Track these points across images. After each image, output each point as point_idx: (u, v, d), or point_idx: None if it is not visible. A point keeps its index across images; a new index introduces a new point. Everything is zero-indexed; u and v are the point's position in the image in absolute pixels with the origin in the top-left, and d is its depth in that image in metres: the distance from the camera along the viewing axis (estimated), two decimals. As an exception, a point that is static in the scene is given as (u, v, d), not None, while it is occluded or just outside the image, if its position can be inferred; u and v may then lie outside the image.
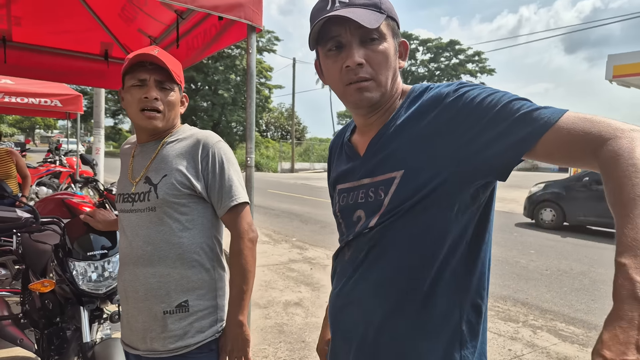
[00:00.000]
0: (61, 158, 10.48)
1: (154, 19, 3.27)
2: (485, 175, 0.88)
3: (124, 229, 1.48)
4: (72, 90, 7.91)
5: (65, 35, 3.89)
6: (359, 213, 1.02)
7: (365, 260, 0.99)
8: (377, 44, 0.94)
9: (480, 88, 0.90)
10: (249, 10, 2.18)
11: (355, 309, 1.01)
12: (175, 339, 1.41)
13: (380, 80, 0.96)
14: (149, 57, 1.39)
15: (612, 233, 7.86)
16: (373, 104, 0.98)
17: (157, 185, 1.41)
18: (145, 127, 1.45)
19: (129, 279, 1.45)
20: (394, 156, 0.96)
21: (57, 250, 2.09)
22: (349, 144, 1.13)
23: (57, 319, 2.26)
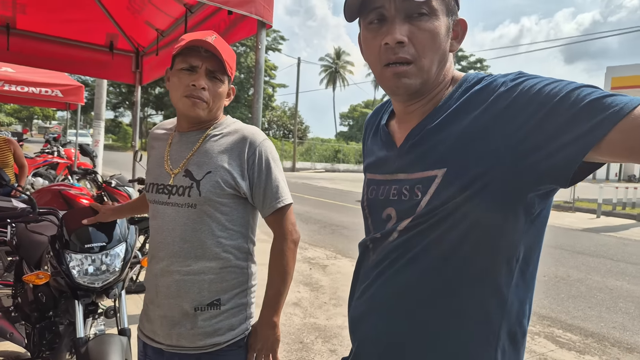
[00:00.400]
0: (59, 149, 10.42)
1: (162, 12, 3.24)
2: (542, 178, 0.74)
3: (157, 221, 1.42)
4: (74, 80, 7.86)
5: (70, 24, 3.86)
6: (390, 211, 0.90)
7: (392, 268, 0.88)
8: (424, 21, 0.81)
9: (541, 77, 0.76)
10: (259, 6, 2.15)
11: (376, 319, 0.91)
12: (205, 335, 1.37)
13: (422, 64, 0.83)
14: (205, 44, 1.32)
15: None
16: (412, 92, 0.86)
17: (200, 181, 1.35)
18: (187, 114, 1.38)
19: (161, 274, 1.40)
20: (435, 152, 0.83)
21: (53, 242, 2.05)
22: (385, 128, 1.00)
23: (50, 312, 2.21)
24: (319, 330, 3.72)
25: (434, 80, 0.86)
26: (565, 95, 0.69)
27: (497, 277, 0.80)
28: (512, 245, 0.80)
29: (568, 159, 0.69)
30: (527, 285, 0.85)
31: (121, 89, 48.68)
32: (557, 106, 0.69)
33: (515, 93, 0.75)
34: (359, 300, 0.96)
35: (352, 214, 10.87)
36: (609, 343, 3.89)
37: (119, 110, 53.43)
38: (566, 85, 0.71)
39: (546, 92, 0.72)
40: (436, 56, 0.83)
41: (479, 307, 0.81)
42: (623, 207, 15.06)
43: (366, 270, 0.95)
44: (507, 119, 0.75)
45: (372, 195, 0.97)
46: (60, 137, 11.91)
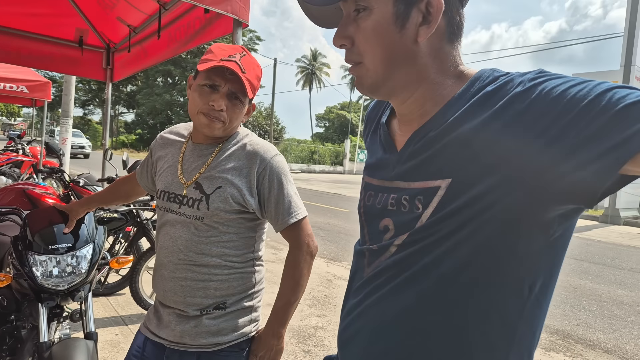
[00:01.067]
0: (24, 147, 10.05)
1: (134, 8, 3.17)
2: (564, 197, 0.63)
3: (165, 228, 1.43)
4: (41, 76, 7.62)
5: (38, 18, 3.73)
6: (387, 222, 0.80)
7: (385, 287, 0.78)
8: (363, 17, 0.73)
9: (565, 76, 0.64)
10: (236, 5, 2.13)
11: (365, 344, 0.81)
12: (208, 334, 1.39)
13: (368, 62, 0.75)
14: (231, 66, 1.30)
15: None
16: (372, 92, 0.79)
17: (210, 196, 1.36)
18: (202, 131, 1.38)
19: (168, 278, 1.41)
20: (440, 159, 0.73)
21: (16, 243, 1.97)
22: (384, 127, 0.89)
23: (12, 316, 2.13)
24: (292, 330, 3.70)
25: (398, 77, 0.76)
26: (595, 98, 0.58)
27: (507, 305, 0.70)
28: (525, 270, 0.69)
29: (597, 175, 0.59)
30: (543, 312, 0.74)
31: (91, 85, 47.47)
32: (585, 112, 0.58)
33: (533, 95, 0.64)
34: (348, 317, 0.86)
35: (327, 214, 10.89)
36: (573, 340, 4.01)
37: (88, 107, 52.07)
38: (596, 86, 0.60)
39: (571, 94, 0.60)
40: (381, 52, 0.74)
41: (483, 339, 0.71)
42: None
43: (359, 285, 0.85)
44: (523, 125, 0.63)
45: (370, 202, 0.87)
46: (25, 135, 11.50)
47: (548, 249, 0.69)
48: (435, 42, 0.75)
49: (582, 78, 0.63)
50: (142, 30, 3.49)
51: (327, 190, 18.36)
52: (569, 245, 0.73)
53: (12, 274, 2.03)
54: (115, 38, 4.12)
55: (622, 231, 11.86)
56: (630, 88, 0.58)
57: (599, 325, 4.44)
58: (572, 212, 0.67)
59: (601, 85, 0.60)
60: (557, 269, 0.73)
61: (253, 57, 1.40)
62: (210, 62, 1.30)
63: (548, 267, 0.71)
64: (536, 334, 0.74)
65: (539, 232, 0.67)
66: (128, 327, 3.44)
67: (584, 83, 0.61)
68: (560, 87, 0.62)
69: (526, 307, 0.71)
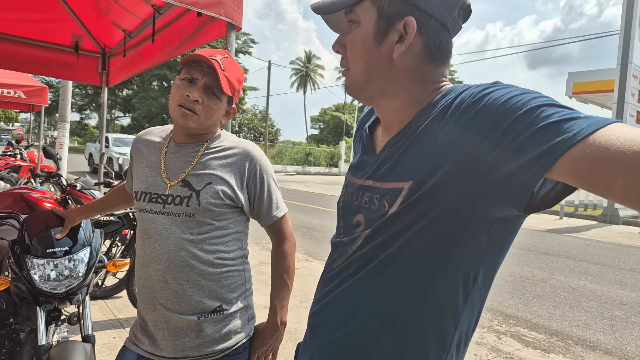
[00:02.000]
0: (21, 152, 10.04)
1: (129, 13, 3.19)
2: (498, 202, 0.70)
3: (148, 231, 1.40)
4: (37, 81, 7.62)
5: (34, 24, 3.75)
6: (359, 218, 0.89)
7: (352, 279, 0.86)
8: (351, 30, 0.86)
9: (510, 88, 0.70)
10: (229, 8, 2.15)
11: (327, 328, 0.90)
12: (212, 343, 1.39)
13: (353, 69, 0.87)
14: (208, 61, 1.35)
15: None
16: (354, 95, 0.90)
17: (200, 192, 1.37)
18: (177, 122, 1.41)
19: (158, 285, 1.37)
20: (406, 163, 0.81)
21: (14, 246, 1.98)
22: (367, 131, 1.00)
23: (10, 320, 2.14)
24: (289, 333, 3.71)
25: (375, 86, 0.86)
26: (525, 113, 0.64)
27: (455, 295, 0.79)
28: (470, 265, 0.78)
29: (523, 183, 0.65)
30: (482, 300, 0.84)
31: (87, 90, 47.37)
32: (514, 126, 0.65)
33: (479, 106, 0.71)
34: (317, 305, 0.95)
35: (323, 216, 10.91)
36: (572, 341, 4.02)
37: (85, 112, 52.00)
38: (530, 100, 0.66)
39: (510, 104, 0.67)
40: (362, 61, 0.85)
41: (435, 326, 0.80)
42: (585, 209, 15.65)
43: (330, 276, 0.93)
44: (469, 133, 0.70)
45: (348, 198, 0.96)
46: (22, 140, 11.49)
47: (490, 245, 0.77)
48: (411, 60, 0.83)
49: (525, 89, 0.69)
50: (137, 35, 3.50)
51: (323, 192, 18.38)
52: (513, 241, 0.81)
53: (10, 277, 2.04)
54: (111, 43, 4.13)
55: (621, 231, 11.87)
56: (559, 107, 0.64)
57: (599, 326, 4.44)
58: (512, 218, 0.75)
59: (536, 99, 0.66)
60: (499, 263, 0.82)
61: (236, 61, 1.46)
62: (191, 56, 1.38)
63: (490, 261, 0.80)
64: (475, 317, 0.84)
65: (482, 231, 0.75)
66: (125, 330, 3.44)
67: (524, 95, 0.67)
68: (503, 97, 0.68)
69: (469, 295, 0.80)
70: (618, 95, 13.88)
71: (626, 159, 0.55)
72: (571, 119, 0.61)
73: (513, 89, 0.70)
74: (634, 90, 14.08)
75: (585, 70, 18.19)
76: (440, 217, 0.74)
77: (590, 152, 0.57)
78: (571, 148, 0.59)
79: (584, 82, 17.79)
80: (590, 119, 0.61)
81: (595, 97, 18.50)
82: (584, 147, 0.58)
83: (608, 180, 0.57)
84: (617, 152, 0.56)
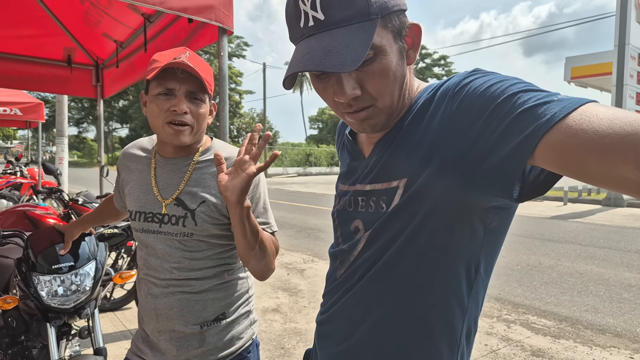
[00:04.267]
0: (22, 169, 10.05)
1: (120, 23, 3.19)
2: (489, 191, 0.69)
3: (149, 249, 1.35)
4: (33, 97, 7.63)
5: (25, 40, 3.75)
6: (357, 223, 0.87)
7: (357, 285, 0.85)
8: (372, 64, 0.73)
9: (489, 75, 0.70)
10: (219, 12, 2.14)
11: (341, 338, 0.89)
12: (215, 350, 1.36)
13: (384, 103, 0.77)
14: (181, 65, 1.22)
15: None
16: (381, 128, 0.82)
17: (195, 211, 1.30)
18: (171, 142, 1.30)
19: (161, 299, 1.34)
20: (398, 161, 0.80)
21: (20, 265, 1.98)
22: (348, 137, 0.97)
23: (22, 337, 2.14)
24: (299, 334, 3.71)
25: (398, 106, 0.81)
26: (503, 101, 0.64)
27: (460, 288, 0.79)
28: (472, 256, 0.78)
29: (507, 171, 0.64)
30: (485, 287, 0.84)
31: (83, 103, 47.45)
32: (494, 115, 0.64)
33: (461, 96, 0.70)
34: (324, 315, 0.94)
35: (327, 216, 10.90)
36: (582, 326, 4.01)
37: (82, 125, 52.09)
38: (509, 87, 0.65)
39: (487, 95, 0.66)
40: (395, 89, 0.78)
41: (444, 319, 0.80)
42: (588, 193, 15.64)
43: (335, 285, 0.92)
44: (454, 124, 0.70)
45: (342, 206, 0.94)
46: (22, 157, 11.49)
47: (488, 234, 0.77)
48: (411, 67, 0.84)
49: (504, 76, 0.69)
50: (128, 45, 3.50)
51: (325, 192, 18.37)
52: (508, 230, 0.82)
53: (18, 295, 2.04)
54: (103, 54, 4.13)
55: (626, 213, 11.85)
56: (536, 90, 0.64)
57: (608, 310, 4.43)
58: (506, 205, 0.75)
59: (513, 86, 0.65)
60: (497, 251, 0.83)
61: (197, 55, 1.33)
62: (157, 68, 1.23)
63: (489, 250, 0.80)
64: (480, 306, 0.85)
65: (478, 220, 0.75)
66: (137, 341, 3.45)
67: (502, 82, 0.67)
68: (482, 85, 0.68)
69: (474, 287, 0.81)
70: (617, 77, 13.82)
71: (595, 144, 0.53)
72: (545, 103, 0.60)
73: (492, 77, 0.69)
74: (633, 71, 14.02)
75: (583, 54, 18.11)
76: (437, 209, 0.74)
77: (562, 138, 0.56)
78: (546, 134, 0.58)
79: (582, 67, 17.76)
80: (563, 102, 0.60)
81: (594, 81, 18.47)
82: (557, 133, 0.57)
83: (581, 165, 0.56)
84: (587, 136, 0.54)
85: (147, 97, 1.32)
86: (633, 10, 13.63)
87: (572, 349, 3.52)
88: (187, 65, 1.22)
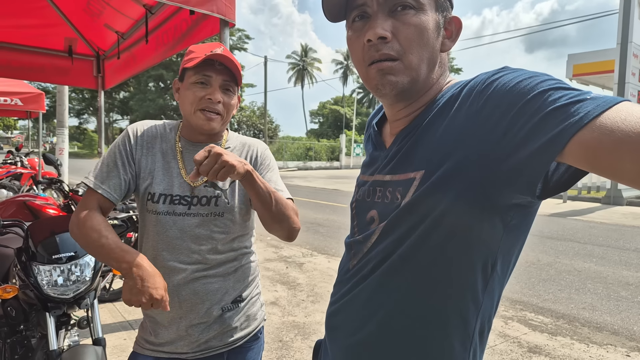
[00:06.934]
0: (22, 159, 10.05)
1: (121, 14, 3.17)
2: (512, 187, 0.68)
3: (174, 232, 1.34)
4: (33, 88, 7.61)
5: (27, 30, 3.73)
6: (373, 213, 0.87)
7: (370, 276, 0.84)
8: (410, 15, 0.76)
9: (519, 72, 0.69)
10: (221, 5, 2.13)
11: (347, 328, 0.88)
12: (234, 331, 1.43)
13: (410, 60, 0.78)
14: (219, 57, 1.32)
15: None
16: (399, 92, 0.81)
17: (227, 191, 1.38)
18: (201, 127, 1.36)
19: (185, 284, 1.35)
20: (417, 153, 0.79)
21: (20, 254, 1.99)
22: (374, 128, 0.98)
23: (21, 326, 2.15)
24: (298, 327, 3.73)
25: (423, 80, 0.81)
26: (533, 98, 0.63)
27: (474, 283, 0.77)
28: (489, 253, 0.76)
29: (533, 169, 0.64)
30: (501, 287, 0.83)
31: (84, 94, 47.38)
32: (523, 112, 0.64)
33: (489, 92, 0.70)
34: (335, 305, 0.94)
35: (326, 211, 10.91)
36: (579, 323, 4.02)
37: (83, 116, 52.03)
38: (538, 84, 0.64)
39: (516, 91, 0.66)
40: (424, 53, 0.78)
41: (457, 315, 0.79)
42: (588, 191, 15.63)
43: (347, 276, 0.91)
44: (480, 120, 0.70)
45: (361, 196, 0.94)
46: (22, 147, 11.49)
47: (507, 233, 0.75)
48: (444, 55, 0.85)
49: (534, 72, 0.68)
50: (130, 36, 3.49)
51: (325, 186, 18.38)
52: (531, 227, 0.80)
53: (18, 285, 2.05)
54: (104, 45, 4.12)
55: (625, 212, 11.84)
56: (567, 89, 0.63)
57: (605, 308, 4.44)
58: (528, 203, 0.73)
59: (544, 82, 0.64)
60: (518, 250, 0.81)
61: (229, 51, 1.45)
62: (197, 58, 1.32)
63: (507, 248, 0.78)
64: (495, 303, 0.83)
65: (498, 218, 0.73)
66: (135, 332, 3.46)
67: (531, 78, 0.66)
68: (511, 82, 0.67)
69: (489, 283, 0.79)
70: (619, 75, 13.75)
71: (633, 142, 0.53)
72: (578, 102, 0.60)
73: (521, 73, 0.68)
74: (635, 69, 13.95)
75: (585, 52, 18.01)
76: (455, 205, 0.72)
77: (597, 136, 0.56)
78: (578, 132, 0.58)
79: (584, 64, 17.66)
80: (596, 100, 0.59)
81: (595, 79, 18.39)
82: (590, 131, 0.57)
83: (616, 163, 0.55)
84: (623, 134, 0.54)
85: (182, 84, 1.40)
86: (636, 8, 13.54)
87: (569, 346, 3.54)
88: (226, 58, 1.32)
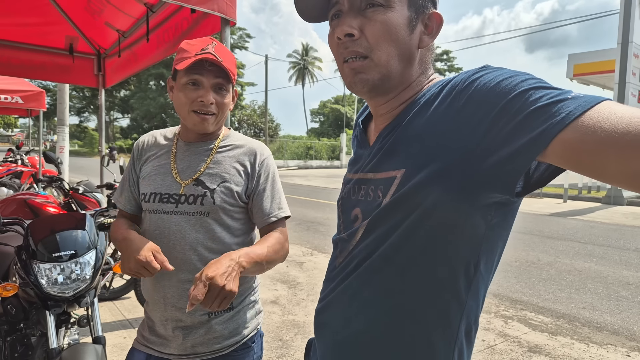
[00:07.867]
0: (22, 157, 10.05)
1: (122, 12, 3.17)
2: (490, 187, 0.69)
3: (161, 231, 1.36)
4: (34, 86, 7.61)
5: (28, 28, 3.73)
6: (357, 212, 0.87)
7: (354, 273, 0.84)
8: (378, 12, 0.77)
9: (500, 71, 0.69)
10: (222, 3, 2.13)
11: (334, 326, 0.89)
12: (221, 339, 1.39)
13: (379, 57, 0.79)
14: (210, 58, 1.30)
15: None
16: (371, 88, 0.82)
17: (215, 190, 1.36)
18: (196, 129, 1.38)
19: (170, 284, 1.36)
20: (398, 152, 0.80)
21: (20, 252, 1.99)
22: (360, 126, 0.99)
23: (21, 324, 2.15)
24: (297, 326, 3.73)
25: (397, 76, 0.82)
26: (514, 98, 0.64)
27: (457, 283, 0.77)
28: (472, 252, 0.76)
29: (514, 167, 0.64)
30: (485, 284, 0.83)
31: (85, 92, 47.37)
32: (504, 111, 0.64)
33: (470, 91, 0.70)
34: (322, 302, 0.94)
35: (326, 210, 10.91)
36: (579, 323, 4.02)
37: (83, 115, 52.04)
38: (520, 83, 0.65)
39: (497, 91, 0.66)
40: (393, 49, 0.79)
41: (440, 315, 0.79)
42: (588, 191, 15.63)
43: (333, 274, 0.92)
44: (461, 119, 0.70)
45: (346, 194, 0.95)
46: (23, 145, 11.49)
47: (489, 231, 0.76)
48: (424, 52, 0.85)
49: (515, 71, 0.68)
50: (131, 35, 3.49)
51: (325, 185, 18.39)
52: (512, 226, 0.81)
53: (18, 283, 2.05)
54: (105, 44, 4.12)
55: (625, 211, 11.83)
56: (548, 88, 0.63)
57: (606, 307, 4.44)
58: (508, 202, 0.74)
59: (525, 82, 0.64)
60: (501, 249, 0.81)
61: (222, 44, 1.41)
62: (186, 59, 1.31)
63: (490, 247, 0.78)
64: (480, 303, 0.83)
65: (479, 217, 0.74)
66: (135, 330, 3.46)
67: (512, 78, 0.66)
68: (492, 81, 0.68)
69: (472, 283, 0.79)
70: (619, 75, 13.74)
71: (616, 142, 0.53)
72: (559, 101, 0.60)
73: (502, 72, 0.68)
74: (635, 69, 13.93)
75: (586, 52, 18.00)
76: (435, 205, 0.73)
77: (580, 136, 0.56)
78: (561, 132, 0.58)
79: (585, 64, 17.64)
80: (578, 100, 0.59)
81: (596, 79, 18.38)
82: (573, 131, 0.57)
83: (599, 163, 0.56)
84: (606, 134, 0.54)
85: (174, 84, 1.39)
86: (637, 8, 13.52)
87: (569, 345, 3.54)
88: (215, 59, 1.30)
